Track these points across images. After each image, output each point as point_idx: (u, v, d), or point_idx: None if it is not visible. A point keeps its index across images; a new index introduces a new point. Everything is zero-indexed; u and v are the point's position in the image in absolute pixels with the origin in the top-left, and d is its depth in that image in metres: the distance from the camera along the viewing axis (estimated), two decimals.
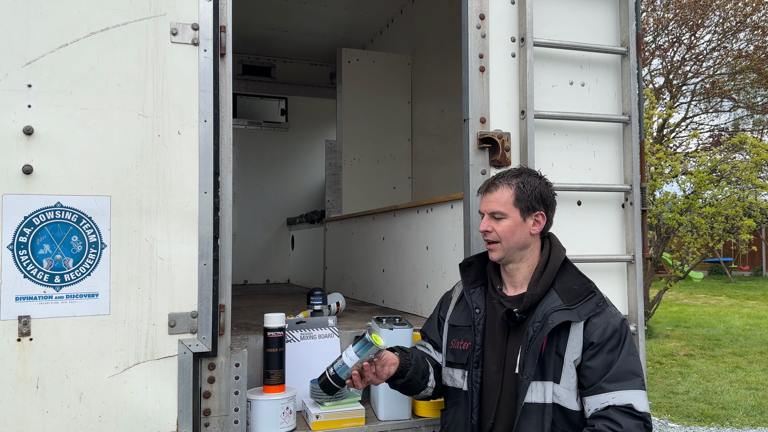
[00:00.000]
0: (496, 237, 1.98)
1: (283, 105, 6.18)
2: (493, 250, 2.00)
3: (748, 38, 15.77)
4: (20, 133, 1.90)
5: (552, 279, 1.96)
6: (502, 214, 1.98)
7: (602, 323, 1.87)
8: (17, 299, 1.88)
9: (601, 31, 2.78)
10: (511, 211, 1.98)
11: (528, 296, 1.93)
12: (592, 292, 1.93)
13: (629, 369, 1.84)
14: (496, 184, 2.02)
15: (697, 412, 5.56)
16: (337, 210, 4.99)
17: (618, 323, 1.89)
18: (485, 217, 2.01)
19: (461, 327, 2.06)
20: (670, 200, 8.40)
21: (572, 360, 1.86)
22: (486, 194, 2.04)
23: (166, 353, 2.03)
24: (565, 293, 1.92)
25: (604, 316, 1.89)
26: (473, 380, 1.96)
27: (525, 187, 1.99)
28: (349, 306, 3.54)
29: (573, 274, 1.99)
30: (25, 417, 1.87)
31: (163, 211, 2.05)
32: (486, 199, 2.03)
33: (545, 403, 1.84)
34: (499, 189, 2.00)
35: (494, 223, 1.99)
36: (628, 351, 1.86)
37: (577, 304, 1.89)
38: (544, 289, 1.94)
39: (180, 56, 2.09)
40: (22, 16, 1.92)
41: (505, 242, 1.98)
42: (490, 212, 2.00)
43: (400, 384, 2.02)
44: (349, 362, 1.93)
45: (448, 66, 4.40)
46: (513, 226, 1.97)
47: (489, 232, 1.99)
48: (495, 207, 1.99)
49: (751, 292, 15.80)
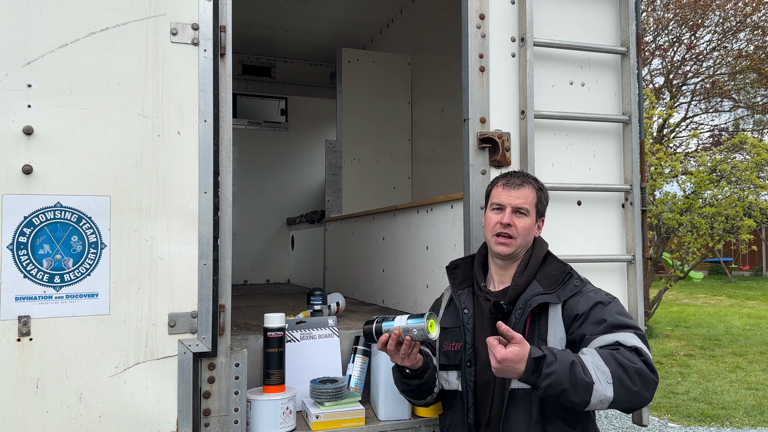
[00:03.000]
0: (515, 233, 2.01)
1: (283, 105, 6.18)
2: (506, 245, 2.01)
3: (748, 38, 15.78)
4: (20, 133, 1.90)
5: (535, 270, 2.00)
6: (527, 211, 2.03)
7: (584, 299, 1.90)
8: (17, 299, 1.88)
9: (601, 31, 2.78)
10: (532, 210, 2.05)
11: (513, 287, 1.98)
12: (568, 274, 1.97)
13: (625, 323, 1.84)
14: (524, 182, 2.07)
15: (697, 412, 5.56)
16: (337, 210, 4.99)
17: (600, 296, 1.92)
18: (508, 210, 2.03)
19: (451, 329, 2.07)
20: (670, 200, 8.40)
21: (557, 340, 1.87)
22: (512, 189, 2.05)
23: (166, 353, 2.03)
24: (544, 279, 1.97)
25: (584, 293, 1.92)
26: (467, 379, 1.98)
27: (543, 192, 2.10)
28: (349, 306, 3.54)
29: (553, 263, 2.04)
30: (25, 417, 1.87)
31: (163, 211, 2.05)
32: (513, 194, 2.05)
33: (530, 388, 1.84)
34: (526, 187, 2.06)
35: (516, 219, 2.02)
36: (617, 308, 1.89)
37: (556, 287, 1.94)
38: (528, 280, 1.98)
39: (180, 56, 2.09)
40: (21, 16, 1.92)
41: (521, 239, 2.02)
42: (516, 206, 2.03)
43: (415, 385, 2.03)
44: (396, 324, 1.94)
45: (448, 66, 4.40)
46: (530, 225, 2.04)
47: (511, 225, 2.01)
48: (522, 203, 2.03)
49: (751, 292, 15.79)
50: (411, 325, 1.91)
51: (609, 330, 1.82)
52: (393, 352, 1.95)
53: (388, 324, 1.96)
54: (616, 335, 1.80)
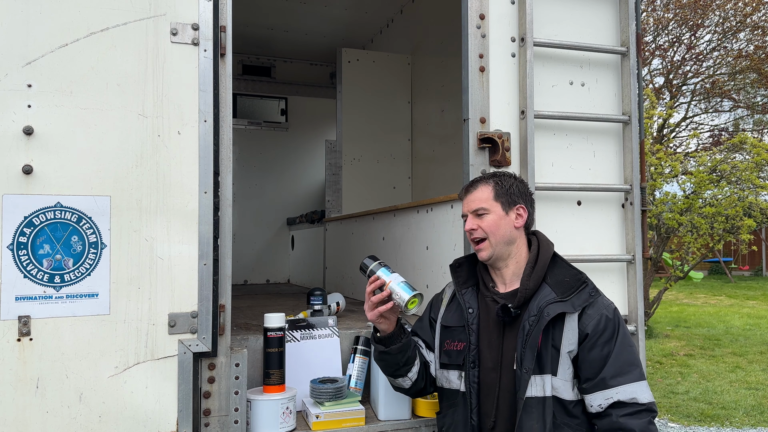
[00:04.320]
0: (483, 234, 2.00)
1: (283, 105, 6.18)
2: (481, 249, 2.01)
3: (748, 38, 15.78)
4: (20, 133, 1.90)
5: (543, 273, 1.98)
6: (485, 209, 2.02)
7: (596, 314, 1.90)
8: (17, 299, 1.88)
9: (601, 31, 2.78)
10: (493, 206, 2.02)
11: (522, 291, 1.95)
12: (584, 283, 1.96)
13: (628, 360, 1.88)
14: (474, 184, 2.08)
15: (697, 412, 5.56)
16: (337, 210, 4.99)
17: (611, 313, 1.93)
18: (469, 217, 2.05)
19: (454, 328, 2.05)
20: (670, 200, 8.40)
21: (567, 351, 1.88)
22: (466, 196, 2.08)
23: (166, 353, 2.03)
24: (557, 286, 1.94)
25: (597, 306, 1.92)
26: (471, 380, 1.96)
27: (503, 183, 2.05)
28: (349, 306, 3.54)
29: (564, 267, 2.02)
30: (25, 417, 1.87)
31: (163, 211, 2.05)
32: (467, 200, 2.07)
33: (545, 396, 1.86)
34: (478, 188, 2.05)
35: (478, 221, 2.01)
36: (623, 341, 1.90)
37: (570, 295, 1.92)
38: (536, 283, 1.96)
39: (180, 56, 2.09)
40: (22, 16, 1.92)
41: (492, 237, 1.99)
42: (473, 210, 2.03)
43: (380, 351, 2.03)
44: (388, 279, 1.97)
45: (448, 66, 4.40)
46: (497, 219, 2.01)
47: (475, 230, 2.01)
48: (477, 204, 2.03)
49: (751, 292, 15.80)
50: (398, 289, 1.95)
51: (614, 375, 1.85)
52: (368, 296, 1.98)
53: (384, 271, 1.99)
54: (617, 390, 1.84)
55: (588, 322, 1.89)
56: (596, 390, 1.86)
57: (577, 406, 1.90)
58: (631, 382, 1.85)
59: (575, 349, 1.88)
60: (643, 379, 1.88)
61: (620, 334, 1.91)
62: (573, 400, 1.89)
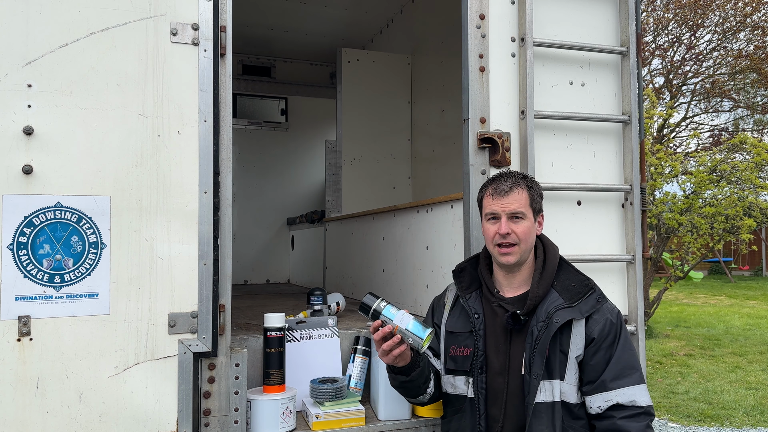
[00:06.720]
0: (516, 239, 1.94)
1: (283, 105, 6.18)
2: (510, 254, 1.95)
3: (748, 38, 15.78)
4: (20, 133, 1.90)
5: (551, 279, 1.97)
6: (523, 214, 1.96)
7: (602, 319, 1.92)
8: (17, 299, 1.88)
9: (601, 31, 2.78)
10: (528, 212, 1.98)
11: (532, 297, 1.93)
12: (591, 289, 1.97)
13: (628, 364, 1.90)
14: (512, 185, 1.99)
15: (697, 412, 5.56)
16: (337, 210, 4.99)
17: (614, 318, 1.95)
18: (504, 219, 1.96)
19: (460, 333, 2.03)
20: (670, 200, 8.40)
21: (575, 356, 1.90)
22: (502, 196, 1.98)
23: (166, 353, 2.03)
24: (565, 291, 1.94)
25: (602, 311, 1.94)
26: (479, 386, 1.95)
27: (535, 189, 2.03)
28: (349, 306, 3.54)
29: (571, 272, 2.02)
30: (25, 417, 1.87)
31: (163, 211, 2.05)
32: (504, 200, 1.97)
33: (554, 401, 1.87)
34: (516, 190, 1.98)
35: (514, 225, 1.95)
36: (624, 345, 1.93)
37: (578, 301, 1.92)
38: (545, 290, 1.95)
39: (180, 56, 2.09)
40: (22, 16, 1.92)
41: (524, 244, 1.96)
42: (510, 213, 1.96)
43: (402, 381, 1.99)
44: (396, 322, 1.86)
45: (448, 66, 4.40)
46: (530, 227, 1.98)
47: (509, 234, 1.94)
48: (517, 207, 1.96)
49: (751, 292, 15.80)
50: (410, 332, 1.86)
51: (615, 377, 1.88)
52: (378, 344, 1.89)
53: (388, 314, 1.88)
54: (617, 393, 1.87)
55: (594, 327, 1.91)
56: (596, 392, 1.88)
57: (581, 408, 1.92)
58: (631, 386, 1.87)
59: (582, 354, 1.90)
60: (643, 382, 1.90)
61: (622, 338, 1.93)
62: (577, 402, 1.90)
